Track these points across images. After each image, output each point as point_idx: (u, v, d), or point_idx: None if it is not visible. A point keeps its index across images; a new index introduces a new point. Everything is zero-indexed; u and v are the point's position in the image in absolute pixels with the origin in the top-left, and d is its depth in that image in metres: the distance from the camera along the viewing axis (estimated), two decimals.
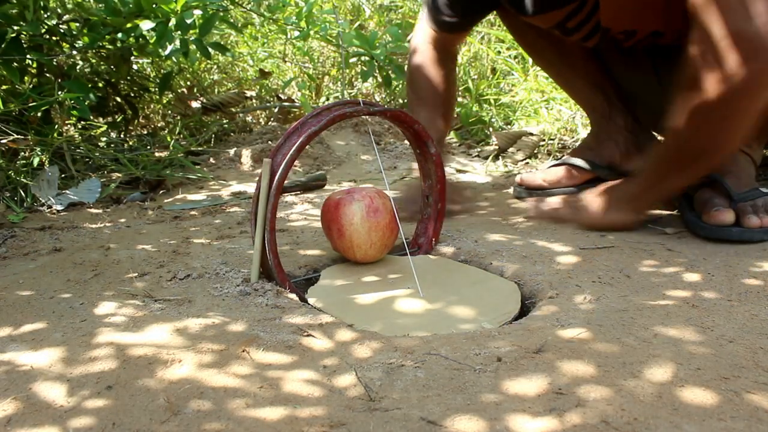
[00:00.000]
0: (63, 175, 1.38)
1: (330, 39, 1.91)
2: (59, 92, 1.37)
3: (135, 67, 1.88)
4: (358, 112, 0.81)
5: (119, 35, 1.51)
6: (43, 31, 1.52)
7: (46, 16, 1.56)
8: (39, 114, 1.44)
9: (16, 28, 1.38)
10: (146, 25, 1.45)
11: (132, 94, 1.87)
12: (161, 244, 0.99)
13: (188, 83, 2.14)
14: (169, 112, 2.03)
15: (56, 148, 1.41)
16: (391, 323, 0.69)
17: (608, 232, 0.97)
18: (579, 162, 1.22)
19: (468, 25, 1.17)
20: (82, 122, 1.63)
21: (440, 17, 1.12)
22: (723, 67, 0.78)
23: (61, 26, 1.59)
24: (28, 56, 1.43)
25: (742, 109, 0.81)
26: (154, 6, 1.46)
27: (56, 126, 1.56)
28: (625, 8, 0.98)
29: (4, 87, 1.46)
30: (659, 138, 1.22)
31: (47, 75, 1.54)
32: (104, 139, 1.72)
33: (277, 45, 2.33)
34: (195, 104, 1.98)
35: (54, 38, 1.56)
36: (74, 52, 1.59)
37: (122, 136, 1.82)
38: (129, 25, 1.48)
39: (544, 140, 1.66)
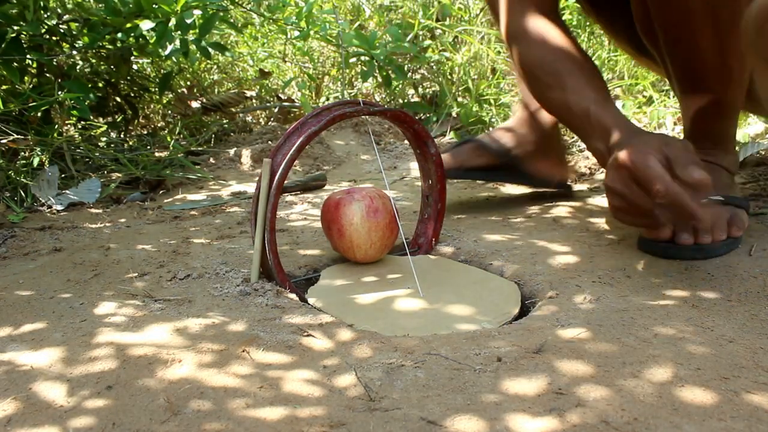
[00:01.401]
0: (63, 175, 1.38)
1: (330, 39, 1.91)
2: (59, 92, 1.38)
3: (135, 67, 1.88)
4: (358, 112, 0.81)
5: (119, 35, 1.51)
6: (43, 31, 1.52)
7: (46, 16, 1.56)
8: (39, 114, 1.44)
9: (16, 28, 1.38)
10: (146, 25, 1.45)
11: (132, 94, 1.87)
12: (161, 244, 0.99)
13: (188, 83, 2.14)
14: (169, 112, 2.03)
15: (56, 148, 1.41)
16: (391, 323, 0.69)
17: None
18: (486, 141, 1.16)
19: None
20: (82, 122, 1.63)
21: None
22: None
23: (61, 26, 1.60)
24: (28, 56, 1.43)
25: None
26: (154, 6, 1.46)
27: (56, 126, 1.56)
28: None
29: (4, 87, 1.46)
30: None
31: (47, 75, 1.54)
32: (104, 139, 1.72)
33: (277, 45, 2.33)
34: (195, 104, 1.98)
35: (54, 38, 1.56)
36: (74, 52, 1.60)
37: (122, 136, 1.82)
38: (129, 25, 1.48)
39: None
